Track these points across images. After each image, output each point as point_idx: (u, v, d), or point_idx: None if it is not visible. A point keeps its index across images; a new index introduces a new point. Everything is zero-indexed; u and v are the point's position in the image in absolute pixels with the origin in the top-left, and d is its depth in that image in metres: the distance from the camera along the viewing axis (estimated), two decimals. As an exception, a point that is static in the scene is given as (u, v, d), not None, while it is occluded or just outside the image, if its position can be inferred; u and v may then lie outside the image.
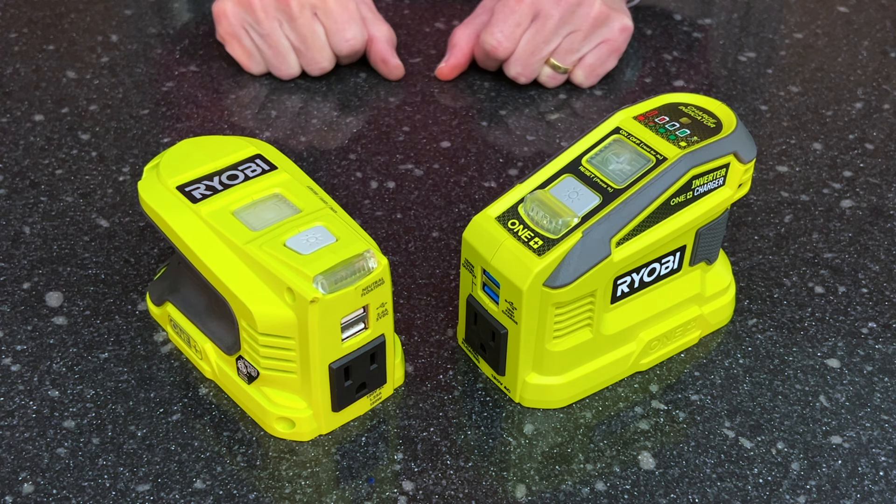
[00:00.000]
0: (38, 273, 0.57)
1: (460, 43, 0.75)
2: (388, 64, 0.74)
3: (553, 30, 0.70)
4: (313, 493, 0.47)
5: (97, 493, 0.46)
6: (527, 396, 0.50)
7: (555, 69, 0.72)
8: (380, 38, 0.74)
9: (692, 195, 0.49)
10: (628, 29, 0.73)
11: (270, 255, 0.45)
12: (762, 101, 0.74)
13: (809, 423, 0.50)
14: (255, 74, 0.74)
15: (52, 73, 0.75)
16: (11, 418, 0.49)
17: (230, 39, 0.73)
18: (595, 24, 0.71)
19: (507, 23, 0.70)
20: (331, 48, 0.72)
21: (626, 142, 0.50)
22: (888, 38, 0.83)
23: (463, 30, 0.75)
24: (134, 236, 0.60)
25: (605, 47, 0.73)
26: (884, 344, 0.55)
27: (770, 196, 0.65)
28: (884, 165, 0.68)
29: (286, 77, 0.74)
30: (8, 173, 0.65)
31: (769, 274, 0.59)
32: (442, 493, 0.47)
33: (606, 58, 0.73)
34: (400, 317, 0.55)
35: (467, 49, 0.74)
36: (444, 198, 0.64)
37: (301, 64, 0.73)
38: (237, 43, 0.73)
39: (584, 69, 0.73)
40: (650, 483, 0.47)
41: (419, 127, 0.70)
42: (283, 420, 0.48)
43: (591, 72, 0.74)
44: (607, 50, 0.73)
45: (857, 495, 0.47)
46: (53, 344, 0.53)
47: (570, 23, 0.70)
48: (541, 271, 0.46)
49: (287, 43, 0.72)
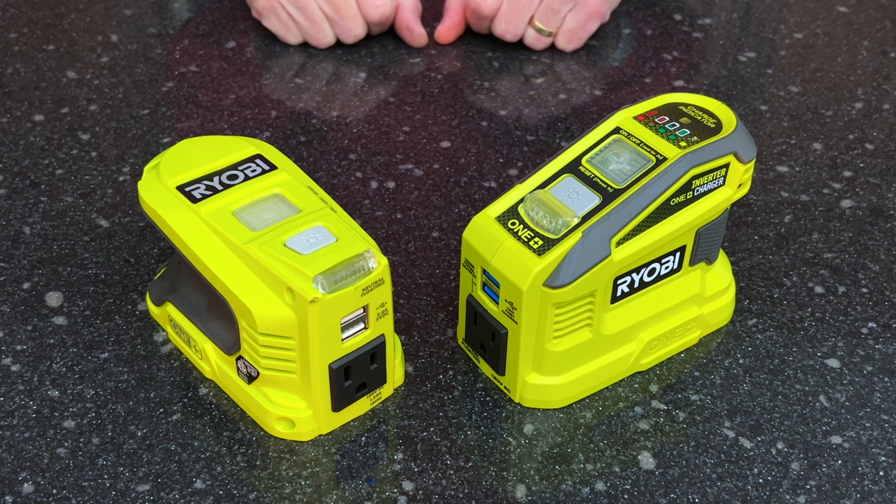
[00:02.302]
0: (38, 273, 0.58)
1: (453, 5, 0.78)
2: (413, 32, 0.78)
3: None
4: (313, 493, 0.47)
5: (97, 493, 0.46)
6: (527, 396, 0.50)
7: (539, 32, 0.76)
8: (406, 7, 0.78)
9: (692, 195, 0.49)
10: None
11: (270, 254, 0.45)
12: (762, 101, 0.74)
13: (809, 423, 0.50)
14: (292, 45, 0.79)
15: (52, 73, 0.75)
16: (11, 418, 0.49)
17: (268, 13, 0.77)
18: None
19: None
20: (362, 16, 0.76)
21: (626, 142, 0.50)
22: (888, 38, 0.83)
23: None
24: (134, 236, 0.60)
25: (582, 11, 0.76)
26: (884, 344, 0.55)
27: (770, 196, 0.65)
28: (884, 165, 0.68)
29: (322, 46, 0.78)
30: (8, 173, 0.65)
31: (769, 274, 0.59)
32: (442, 493, 0.47)
33: (586, 21, 0.76)
34: (400, 317, 0.56)
35: (460, 10, 0.78)
36: (444, 198, 0.64)
37: (336, 34, 0.77)
38: (274, 16, 0.77)
39: (564, 35, 0.77)
40: (650, 483, 0.47)
41: (419, 127, 0.70)
42: (283, 420, 0.48)
43: (573, 36, 0.77)
44: (584, 14, 0.76)
45: (857, 495, 0.47)
46: (53, 344, 0.53)
47: None
48: (541, 271, 0.46)
49: (321, 13, 0.76)
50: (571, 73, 0.76)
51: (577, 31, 0.77)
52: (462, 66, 0.77)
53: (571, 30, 0.77)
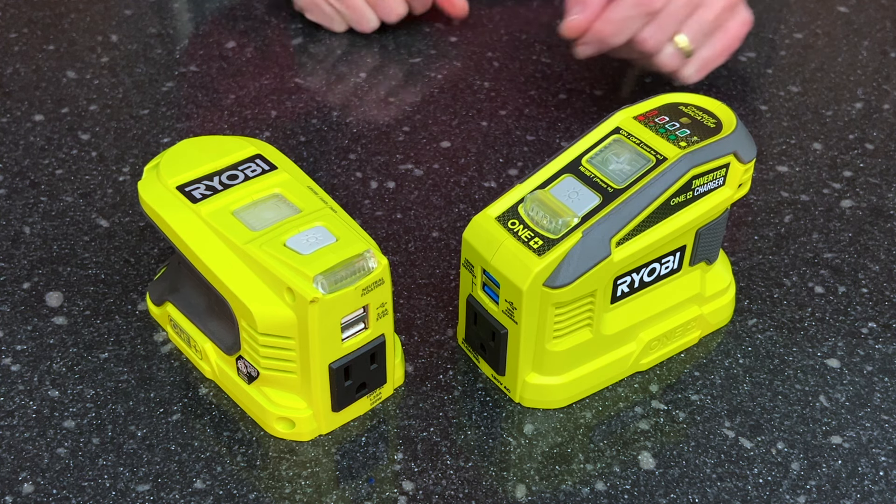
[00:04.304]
0: (38, 273, 0.57)
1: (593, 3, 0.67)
2: (455, 4, 0.80)
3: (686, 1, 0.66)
4: (313, 493, 0.47)
5: (97, 493, 0.46)
6: (527, 396, 0.50)
7: (681, 50, 0.67)
8: None
9: (692, 195, 0.49)
10: (748, 22, 0.70)
11: (270, 254, 0.45)
12: (762, 101, 0.74)
13: (809, 423, 0.50)
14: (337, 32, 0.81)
15: (52, 73, 0.75)
16: (11, 418, 0.49)
17: (311, 7, 0.80)
18: (726, 8, 0.68)
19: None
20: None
21: (626, 142, 0.50)
22: (888, 38, 0.83)
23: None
24: (134, 236, 0.60)
25: (722, 40, 0.69)
26: (884, 344, 0.55)
27: (770, 196, 0.65)
28: (884, 165, 0.68)
29: (367, 30, 0.79)
30: (8, 173, 0.65)
31: (769, 274, 0.59)
32: (442, 493, 0.47)
33: (720, 53, 0.69)
34: (400, 317, 0.56)
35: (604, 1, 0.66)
36: (444, 198, 0.64)
37: (379, 16, 0.79)
38: (317, 9, 0.80)
39: (697, 62, 0.69)
40: (650, 483, 0.47)
41: (419, 127, 0.70)
42: (282, 420, 0.48)
43: (704, 66, 0.69)
44: (722, 46, 0.69)
45: (857, 495, 0.47)
46: (53, 344, 0.53)
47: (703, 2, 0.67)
48: (541, 271, 0.46)
49: (362, 0, 0.78)
50: (571, 73, 0.76)
51: (709, 63, 0.69)
52: (462, 66, 0.77)
53: (706, 58, 0.69)
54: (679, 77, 0.69)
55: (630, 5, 0.64)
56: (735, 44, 0.70)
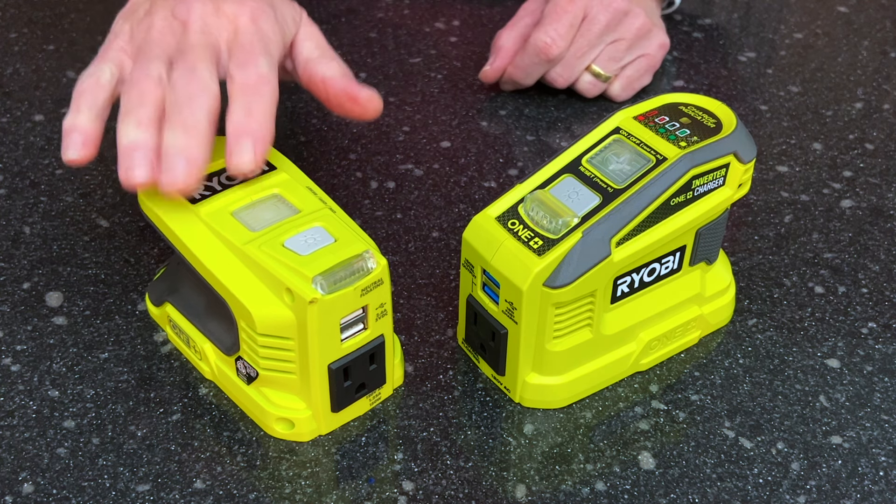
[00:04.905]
0: (38, 273, 0.58)
1: (506, 45, 0.72)
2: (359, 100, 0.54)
3: (598, 35, 0.70)
4: (313, 493, 0.47)
5: (97, 493, 0.46)
6: (527, 396, 0.50)
7: (596, 77, 0.71)
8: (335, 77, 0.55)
9: (692, 195, 0.49)
10: (665, 45, 0.73)
11: (269, 255, 0.45)
12: (762, 101, 0.74)
13: (809, 423, 0.50)
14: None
15: (52, 73, 0.75)
16: (11, 418, 0.49)
17: None
18: (638, 36, 0.71)
19: (560, 22, 0.69)
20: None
21: (626, 142, 0.50)
22: (888, 38, 0.83)
23: (508, 32, 0.73)
24: (134, 236, 0.60)
25: (644, 61, 0.72)
26: (884, 344, 0.55)
27: (770, 196, 0.65)
28: (884, 165, 0.68)
29: None
30: (8, 173, 0.65)
31: (769, 274, 0.59)
32: (442, 493, 0.47)
33: (643, 72, 0.73)
34: (400, 317, 0.55)
35: (513, 51, 0.72)
36: (444, 198, 0.64)
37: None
38: None
39: (622, 80, 0.72)
40: (650, 483, 0.47)
41: (419, 127, 0.70)
42: (282, 421, 0.48)
43: (629, 84, 0.73)
44: (645, 64, 0.73)
45: (857, 495, 0.47)
46: (53, 344, 0.53)
47: (616, 31, 0.70)
48: (541, 271, 0.46)
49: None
50: (571, 73, 0.76)
51: (634, 81, 0.73)
52: (462, 66, 0.77)
53: (630, 77, 0.72)
54: (608, 97, 0.73)
55: (531, 54, 0.70)
56: (656, 63, 0.74)
